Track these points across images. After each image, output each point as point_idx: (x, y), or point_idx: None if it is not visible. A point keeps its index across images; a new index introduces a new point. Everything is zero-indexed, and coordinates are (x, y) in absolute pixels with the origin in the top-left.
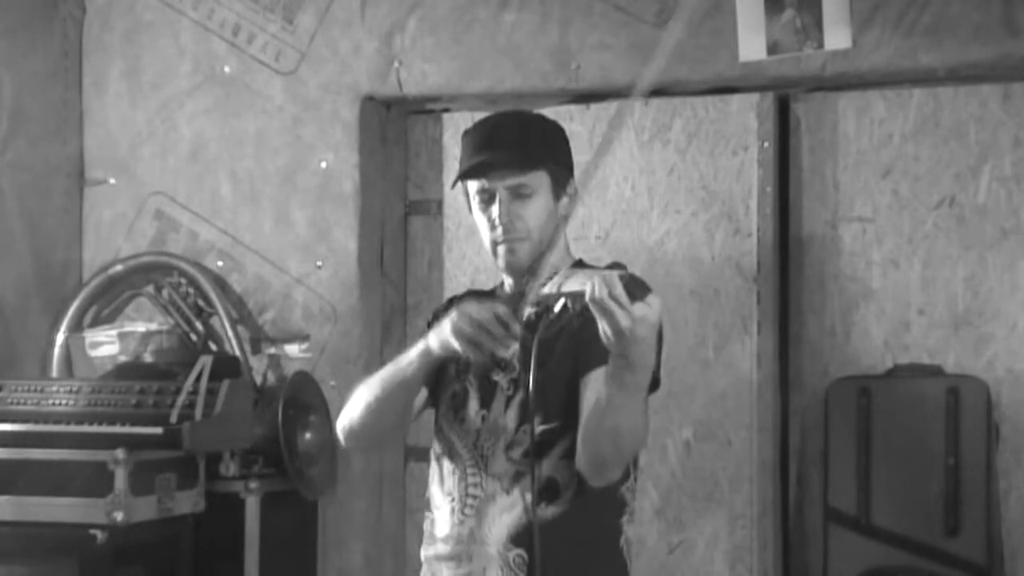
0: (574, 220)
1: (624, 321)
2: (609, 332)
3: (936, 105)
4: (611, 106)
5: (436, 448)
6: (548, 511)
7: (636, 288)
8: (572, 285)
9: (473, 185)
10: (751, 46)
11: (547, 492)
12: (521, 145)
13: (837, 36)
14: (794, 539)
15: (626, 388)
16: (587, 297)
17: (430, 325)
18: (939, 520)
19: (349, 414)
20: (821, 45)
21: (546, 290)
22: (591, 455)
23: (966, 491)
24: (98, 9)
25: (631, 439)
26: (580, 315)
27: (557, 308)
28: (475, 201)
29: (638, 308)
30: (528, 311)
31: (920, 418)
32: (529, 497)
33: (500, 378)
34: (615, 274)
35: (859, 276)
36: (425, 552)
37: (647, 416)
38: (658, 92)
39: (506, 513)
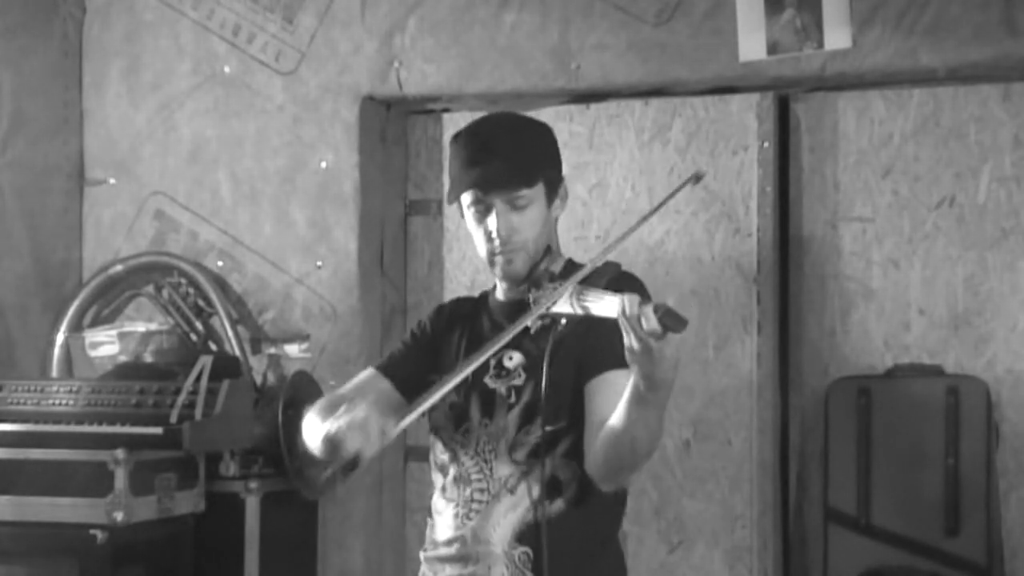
0: (574, 220)
1: (655, 344)
2: (637, 349)
3: (936, 105)
4: (611, 106)
5: (438, 459)
6: (551, 508)
7: (671, 321)
8: (598, 308)
9: (467, 196)
10: (751, 46)
11: (550, 490)
12: (518, 157)
13: (837, 36)
14: (794, 539)
15: (647, 404)
16: (617, 314)
17: (413, 333)
18: (939, 520)
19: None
20: (821, 45)
21: (564, 309)
22: (607, 464)
23: (966, 491)
24: (98, 9)
25: (647, 448)
26: (583, 322)
27: (564, 321)
28: (469, 212)
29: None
30: (536, 322)
31: (920, 418)
32: (535, 494)
33: (498, 385)
34: (650, 307)
35: (859, 276)
36: (425, 554)
37: (663, 424)
38: (658, 92)
39: (511, 512)
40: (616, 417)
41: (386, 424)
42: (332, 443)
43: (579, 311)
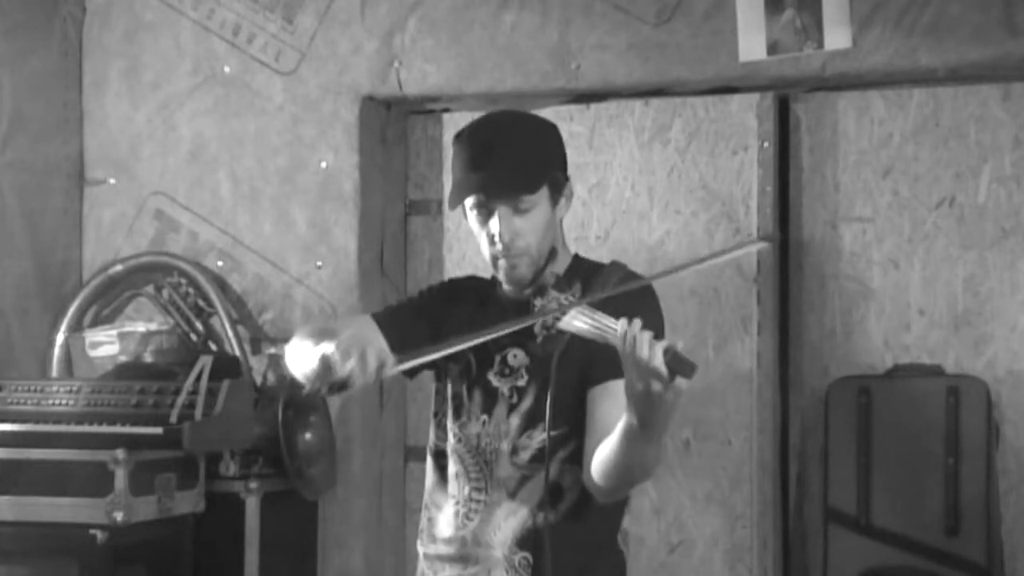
0: (574, 220)
1: (656, 387)
2: (639, 390)
3: (936, 105)
4: (611, 106)
5: (437, 446)
6: (552, 514)
7: (679, 365)
8: (606, 336)
9: (469, 199)
10: (751, 46)
11: (551, 496)
12: (521, 161)
13: (837, 36)
14: (794, 539)
15: (639, 442)
16: (619, 347)
17: (421, 293)
18: (939, 520)
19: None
20: (821, 45)
21: (570, 328)
22: (602, 486)
23: (966, 491)
24: (98, 9)
25: (643, 474)
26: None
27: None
28: (472, 214)
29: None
30: (542, 331)
31: (920, 418)
32: (537, 500)
33: (501, 384)
34: (660, 346)
35: (859, 276)
36: (424, 549)
37: (660, 451)
38: (658, 92)
39: (511, 517)
40: (610, 445)
41: (387, 359)
42: (327, 361)
43: (583, 333)
